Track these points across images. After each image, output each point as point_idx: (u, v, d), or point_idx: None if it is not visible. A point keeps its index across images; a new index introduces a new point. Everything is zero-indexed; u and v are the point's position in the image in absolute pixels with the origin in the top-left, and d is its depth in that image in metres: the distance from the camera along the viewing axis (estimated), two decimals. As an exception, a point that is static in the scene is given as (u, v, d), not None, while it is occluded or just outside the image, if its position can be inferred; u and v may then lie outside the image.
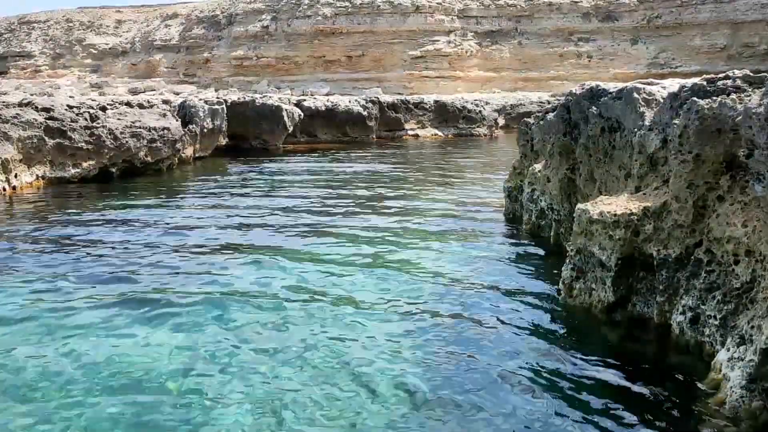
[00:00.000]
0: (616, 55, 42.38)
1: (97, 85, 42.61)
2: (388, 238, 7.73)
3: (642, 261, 4.55)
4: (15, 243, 7.65)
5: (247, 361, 4.28)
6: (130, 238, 7.85)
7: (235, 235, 8.00)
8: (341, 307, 5.30)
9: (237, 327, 4.88)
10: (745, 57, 38.83)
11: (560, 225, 6.90)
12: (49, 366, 4.19)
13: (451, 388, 3.87)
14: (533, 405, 3.69)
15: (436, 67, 42.37)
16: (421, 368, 4.14)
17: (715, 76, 4.46)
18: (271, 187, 12.38)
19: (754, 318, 3.51)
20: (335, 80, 42.50)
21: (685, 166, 4.20)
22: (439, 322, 4.96)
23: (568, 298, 5.04)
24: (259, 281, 6.05)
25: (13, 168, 11.22)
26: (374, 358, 4.29)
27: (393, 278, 6.07)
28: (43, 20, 52.02)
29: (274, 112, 20.46)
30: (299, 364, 4.22)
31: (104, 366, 4.21)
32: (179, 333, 4.77)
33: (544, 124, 7.54)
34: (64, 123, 12.36)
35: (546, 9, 44.07)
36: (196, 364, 4.24)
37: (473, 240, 7.63)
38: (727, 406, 3.41)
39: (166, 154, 14.41)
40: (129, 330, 4.84)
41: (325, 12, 43.84)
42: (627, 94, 5.39)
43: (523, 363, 4.22)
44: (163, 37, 47.93)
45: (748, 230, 3.77)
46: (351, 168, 15.53)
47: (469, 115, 26.81)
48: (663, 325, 4.39)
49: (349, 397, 3.78)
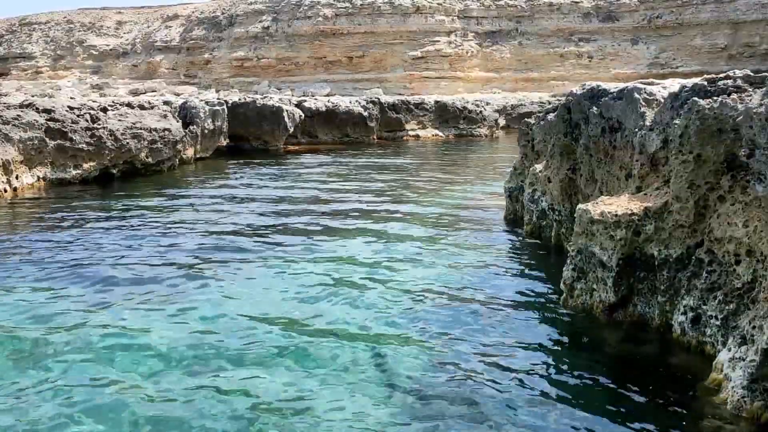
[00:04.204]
0: (617, 55, 42.41)
1: (97, 87, 42.68)
2: (388, 238, 7.73)
3: (643, 261, 4.54)
4: (15, 244, 7.65)
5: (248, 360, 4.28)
6: (131, 239, 7.85)
7: (236, 237, 7.99)
8: (341, 307, 5.30)
9: (238, 327, 4.88)
10: (746, 57, 38.84)
11: (561, 225, 6.90)
12: (45, 368, 4.19)
13: (450, 388, 3.87)
14: (533, 405, 3.69)
15: (437, 68, 42.41)
16: (421, 368, 4.14)
17: (716, 76, 4.47)
18: (271, 188, 12.38)
19: (756, 318, 3.51)
20: (336, 81, 42.55)
21: (686, 166, 4.20)
22: (439, 323, 4.95)
23: (569, 298, 5.04)
24: (259, 282, 6.04)
25: (14, 169, 11.22)
26: (373, 360, 4.29)
27: (393, 279, 6.07)
28: (43, 21, 52.11)
29: (274, 113, 20.45)
30: (299, 368, 4.22)
31: (105, 366, 4.21)
32: (179, 334, 4.77)
33: (545, 124, 7.54)
34: (65, 124, 12.37)
35: (546, 9, 44.11)
36: (195, 365, 4.24)
37: (474, 240, 7.63)
38: (728, 406, 3.41)
39: (167, 155, 14.42)
40: (129, 330, 4.84)
41: (325, 13, 43.89)
42: (628, 94, 5.39)
43: (524, 363, 4.21)
44: (163, 38, 48.01)
45: (749, 230, 3.77)
46: (351, 169, 15.53)
47: (469, 115, 26.80)
48: (664, 325, 4.39)
49: (351, 396, 3.78)
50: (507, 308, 5.28)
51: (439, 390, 3.86)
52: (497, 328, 4.83)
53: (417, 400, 3.75)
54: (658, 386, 3.83)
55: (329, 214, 9.42)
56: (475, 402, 3.72)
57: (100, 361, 4.30)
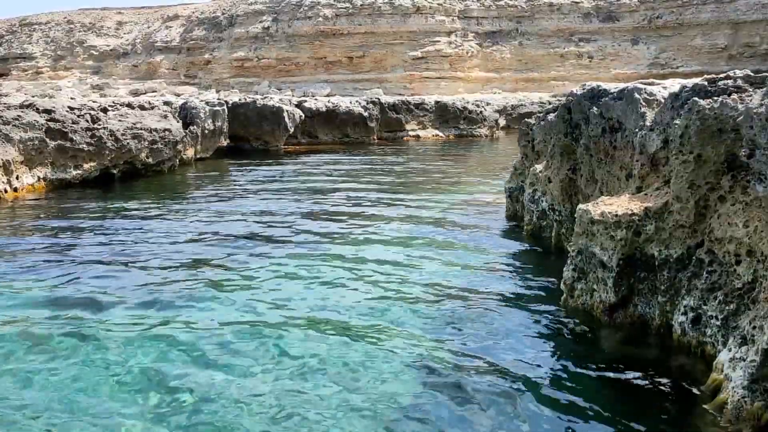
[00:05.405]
0: (617, 55, 42.39)
1: (98, 87, 42.68)
2: (388, 239, 7.73)
3: (643, 261, 4.54)
4: (15, 245, 7.65)
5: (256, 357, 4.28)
6: (131, 239, 7.85)
7: (237, 237, 7.99)
8: (340, 306, 5.30)
9: (238, 329, 4.88)
10: (746, 57, 38.82)
11: (561, 225, 6.90)
12: (40, 369, 4.20)
13: (449, 388, 3.87)
14: (533, 405, 3.69)
15: (437, 68, 42.39)
16: (420, 367, 4.14)
17: (716, 76, 4.46)
18: (271, 189, 12.38)
19: (756, 318, 3.50)
20: (336, 81, 42.53)
21: (687, 166, 4.20)
22: (439, 323, 4.95)
23: (570, 298, 5.04)
24: (260, 281, 6.05)
25: (14, 170, 11.22)
26: (373, 360, 4.28)
27: (393, 279, 6.07)
28: (44, 22, 52.09)
29: (275, 113, 20.46)
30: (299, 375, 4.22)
31: (104, 367, 4.21)
32: (179, 334, 4.77)
33: (545, 124, 7.54)
34: (66, 125, 12.37)
35: (547, 9, 44.08)
36: (194, 366, 4.24)
37: (474, 240, 7.63)
38: (729, 407, 3.40)
39: (168, 155, 14.42)
40: (128, 331, 4.84)
41: (325, 13, 43.88)
42: (628, 94, 5.39)
43: (524, 364, 4.21)
44: (164, 38, 47.99)
45: (749, 230, 3.77)
46: (352, 169, 15.53)
47: (470, 115, 26.79)
48: (664, 325, 4.39)
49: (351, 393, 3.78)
50: (507, 308, 5.28)
51: (438, 390, 3.85)
52: (497, 328, 4.83)
53: (415, 400, 3.75)
54: (658, 386, 3.83)
55: (329, 214, 9.42)
56: (473, 402, 3.71)
57: (96, 362, 4.31)
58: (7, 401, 3.76)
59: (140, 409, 3.68)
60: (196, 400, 3.77)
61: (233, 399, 3.77)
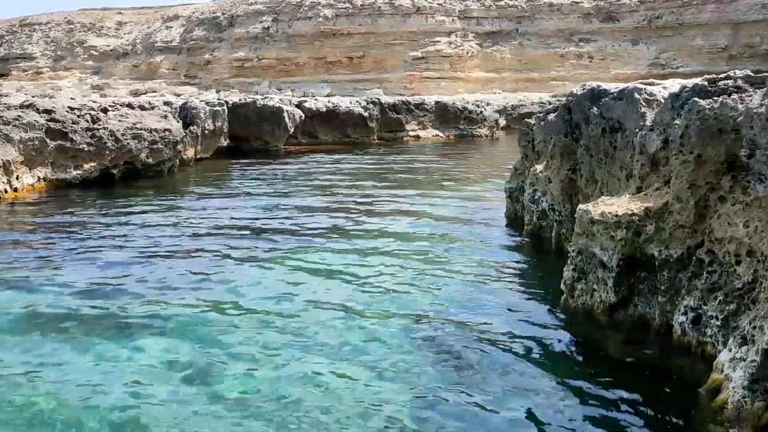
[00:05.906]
0: (617, 55, 42.38)
1: (98, 87, 42.68)
2: (388, 239, 7.73)
3: (643, 262, 4.54)
4: (15, 245, 7.65)
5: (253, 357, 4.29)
6: (132, 240, 7.85)
7: (237, 237, 8.00)
8: (342, 302, 5.30)
9: (239, 327, 4.88)
10: (747, 57, 38.79)
11: (561, 226, 6.90)
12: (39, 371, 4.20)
13: (450, 388, 3.87)
14: (534, 406, 3.69)
15: (437, 68, 42.38)
16: (419, 367, 4.14)
17: (716, 76, 4.46)
18: (271, 189, 12.39)
19: (756, 318, 3.50)
20: (336, 81, 42.52)
21: (687, 166, 4.20)
22: (439, 323, 4.96)
23: (570, 299, 5.04)
24: (260, 284, 6.05)
25: (14, 170, 11.21)
26: (373, 361, 4.29)
27: (393, 279, 6.07)
28: (44, 22, 52.08)
29: (275, 113, 20.45)
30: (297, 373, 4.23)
31: (104, 368, 4.21)
32: (180, 335, 4.77)
33: (546, 124, 7.54)
34: (66, 125, 12.36)
35: (547, 10, 44.07)
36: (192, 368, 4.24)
37: (474, 241, 7.63)
38: (729, 407, 3.40)
39: (168, 155, 14.41)
40: (128, 331, 4.84)
41: (326, 13, 43.89)
42: (628, 94, 5.39)
43: (524, 364, 4.21)
44: (164, 38, 47.98)
45: (749, 230, 3.77)
46: (352, 169, 15.53)
47: (470, 116, 26.79)
48: (665, 325, 4.38)
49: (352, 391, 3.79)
50: (507, 308, 5.28)
51: (437, 390, 3.86)
52: (497, 328, 4.83)
53: (414, 399, 3.75)
54: (658, 386, 3.83)
55: (329, 214, 9.42)
56: (473, 402, 3.72)
57: (102, 362, 4.31)
58: (13, 399, 3.76)
59: (155, 398, 3.68)
60: (208, 390, 3.78)
61: (253, 387, 3.78)
